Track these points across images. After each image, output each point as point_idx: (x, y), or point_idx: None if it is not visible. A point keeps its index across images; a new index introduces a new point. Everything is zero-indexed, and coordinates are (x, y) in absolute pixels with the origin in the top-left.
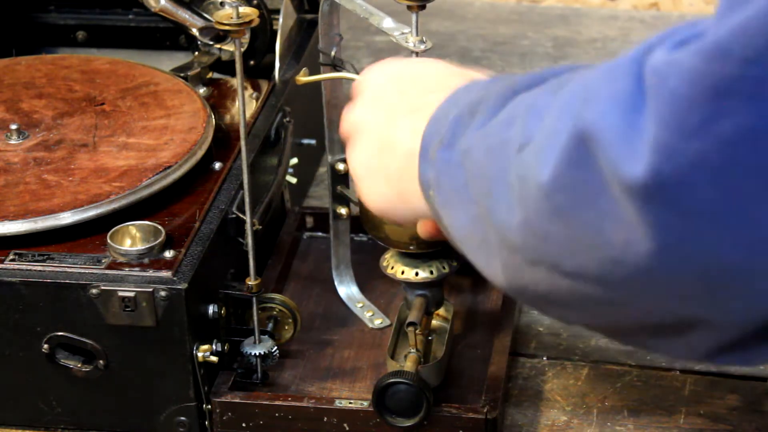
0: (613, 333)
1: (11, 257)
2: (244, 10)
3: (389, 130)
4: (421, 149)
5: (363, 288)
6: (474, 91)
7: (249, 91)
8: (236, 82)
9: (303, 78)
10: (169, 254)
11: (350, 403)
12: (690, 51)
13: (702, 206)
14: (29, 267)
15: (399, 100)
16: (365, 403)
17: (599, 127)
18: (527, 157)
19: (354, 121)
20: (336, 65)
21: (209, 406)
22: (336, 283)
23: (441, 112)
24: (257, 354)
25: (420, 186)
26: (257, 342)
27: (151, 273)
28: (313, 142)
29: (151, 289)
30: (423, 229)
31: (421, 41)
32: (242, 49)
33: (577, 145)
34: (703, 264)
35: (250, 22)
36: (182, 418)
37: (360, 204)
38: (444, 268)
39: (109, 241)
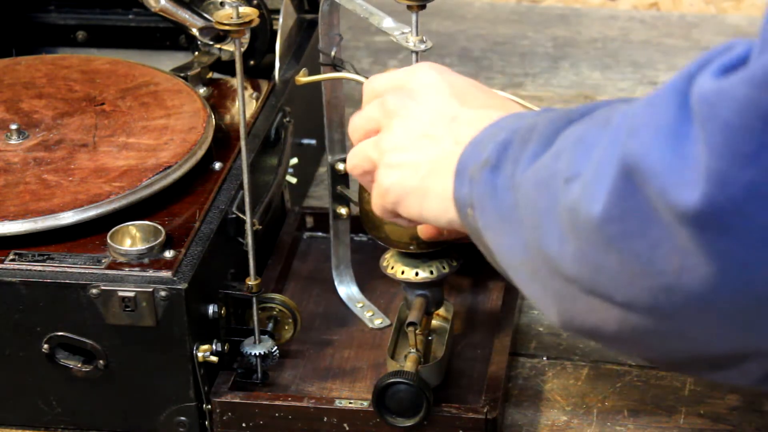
0: (668, 365)
1: (11, 257)
2: (244, 10)
3: (430, 128)
4: (458, 164)
5: (363, 288)
6: (525, 118)
7: (249, 91)
8: (236, 82)
9: (303, 78)
10: (169, 254)
11: (350, 403)
12: (738, 79)
13: (757, 233)
14: (29, 267)
15: (448, 104)
16: (365, 403)
17: (645, 159)
18: (576, 190)
19: (391, 108)
20: (336, 65)
21: (209, 406)
22: (336, 283)
23: (487, 133)
24: (257, 354)
25: (455, 202)
26: (257, 342)
27: (151, 273)
28: (313, 142)
29: (151, 289)
30: (423, 230)
31: (421, 41)
32: (242, 49)
33: (625, 178)
34: (758, 291)
35: (250, 22)
36: (182, 418)
37: (360, 204)
38: (444, 268)
39: (109, 241)
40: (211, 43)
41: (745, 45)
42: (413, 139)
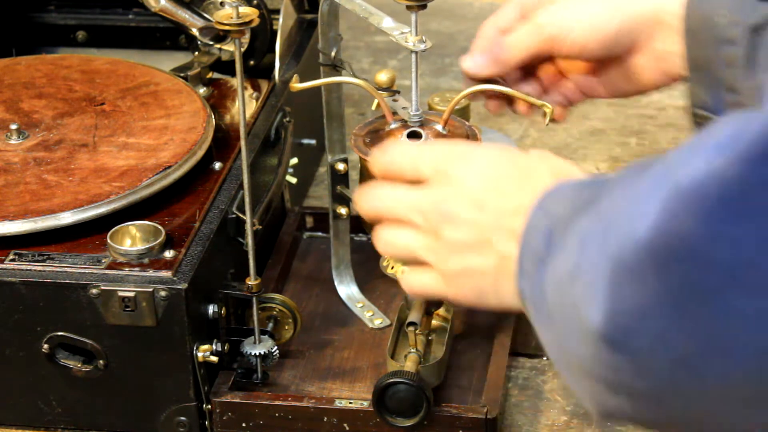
0: None
1: (11, 257)
2: (244, 10)
3: (488, 230)
4: (519, 261)
5: (363, 288)
6: (560, 200)
7: (249, 91)
8: (236, 82)
9: (297, 85)
10: (169, 254)
11: (350, 403)
12: (730, 158)
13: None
14: (29, 267)
15: (495, 197)
16: (365, 403)
17: (627, 251)
18: (578, 291)
19: (441, 209)
20: (336, 65)
21: (209, 406)
22: (336, 283)
23: (532, 221)
24: (257, 354)
25: (519, 297)
26: (257, 342)
27: (151, 273)
28: (313, 142)
29: (151, 289)
30: None
31: (421, 41)
32: (242, 49)
33: (614, 275)
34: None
35: (250, 22)
36: (182, 418)
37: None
38: None
39: (109, 241)
40: (211, 43)
41: (734, 121)
42: (470, 247)
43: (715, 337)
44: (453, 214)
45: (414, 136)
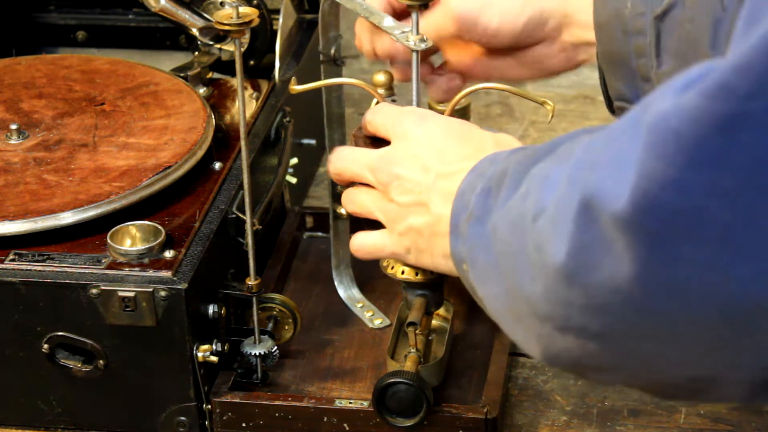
0: (656, 393)
1: (11, 257)
2: (244, 10)
3: (426, 192)
4: (451, 223)
5: (363, 288)
6: (498, 162)
7: (249, 91)
8: (236, 82)
9: (296, 87)
10: (169, 254)
11: (350, 403)
12: (693, 92)
13: (716, 232)
14: (29, 267)
15: (437, 161)
16: (365, 403)
17: (600, 192)
18: (542, 228)
19: (383, 181)
20: (336, 61)
21: (209, 406)
22: (336, 283)
23: (467, 184)
24: (257, 354)
25: (452, 259)
26: (257, 342)
27: (151, 273)
28: (313, 142)
29: (151, 289)
30: None
31: (422, 40)
32: (242, 49)
33: (583, 213)
34: (718, 300)
35: (250, 22)
36: (182, 418)
37: None
38: None
39: (109, 241)
40: (211, 43)
41: (707, 64)
42: (410, 207)
43: (666, 282)
44: (400, 175)
45: None
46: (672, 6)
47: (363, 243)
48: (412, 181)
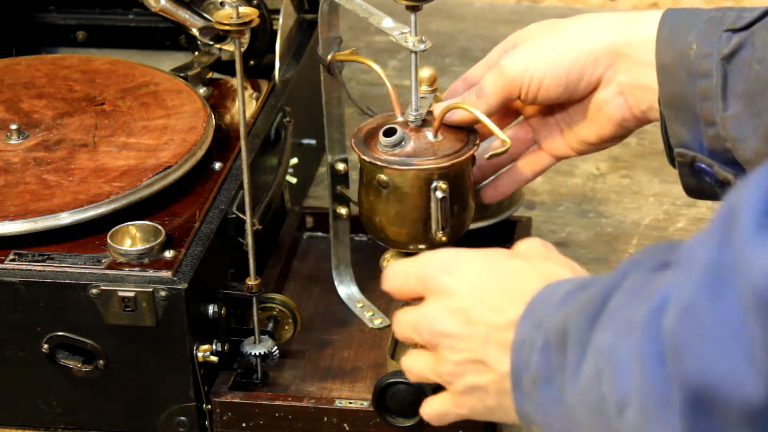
0: None
1: (11, 257)
2: (244, 10)
3: (480, 348)
4: (512, 379)
5: (363, 288)
6: (551, 307)
7: (249, 91)
8: (236, 82)
9: (341, 54)
10: (169, 254)
11: (350, 403)
12: None
13: None
14: (29, 267)
15: (482, 310)
16: (365, 403)
17: (714, 381)
18: (633, 421)
19: (438, 330)
20: (330, 71)
21: (209, 406)
22: (336, 283)
23: (524, 336)
24: (257, 354)
25: (518, 416)
26: (257, 342)
27: (151, 273)
28: (313, 142)
29: (151, 289)
30: None
31: (421, 41)
32: (242, 49)
33: (694, 405)
34: None
35: (250, 22)
36: (182, 418)
37: (360, 204)
38: None
39: (109, 241)
40: (211, 43)
41: None
42: (466, 365)
43: None
44: (445, 331)
45: (390, 133)
46: (740, 46)
47: (429, 413)
48: (461, 338)
